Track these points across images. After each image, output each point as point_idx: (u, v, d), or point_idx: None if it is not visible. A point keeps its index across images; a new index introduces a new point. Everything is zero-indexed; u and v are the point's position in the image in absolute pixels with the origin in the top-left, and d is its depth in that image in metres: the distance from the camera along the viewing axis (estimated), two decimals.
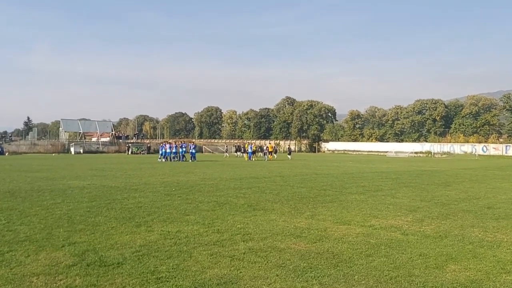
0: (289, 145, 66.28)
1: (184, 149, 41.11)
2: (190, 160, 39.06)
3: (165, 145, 42.00)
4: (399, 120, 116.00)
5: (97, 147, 71.36)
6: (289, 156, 50.94)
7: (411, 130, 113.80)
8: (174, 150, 40.59)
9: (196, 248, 6.74)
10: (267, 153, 47.29)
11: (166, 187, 15.64)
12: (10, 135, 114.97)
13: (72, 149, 65.49)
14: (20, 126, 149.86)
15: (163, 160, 39.44)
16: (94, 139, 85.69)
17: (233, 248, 6.78)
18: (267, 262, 6.11)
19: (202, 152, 68.77)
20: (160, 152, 41.61)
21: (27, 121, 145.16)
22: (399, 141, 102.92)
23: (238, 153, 58.41)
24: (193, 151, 41.09)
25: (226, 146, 66.94)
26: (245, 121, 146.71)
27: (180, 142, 44.96)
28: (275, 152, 51.65)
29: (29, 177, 19.48)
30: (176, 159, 39.58)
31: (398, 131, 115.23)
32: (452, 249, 7.02)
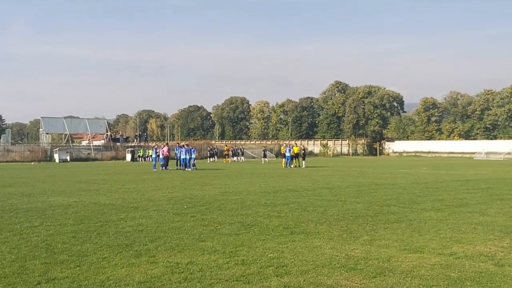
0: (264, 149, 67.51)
1: (156, 154, 41.65)
2: (185, 169, 39.04)
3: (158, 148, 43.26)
4: (490, 109, 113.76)
5: (88, 153, 72.85)
6: (266, 160, 52.42)
7: (507, 123, 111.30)
8: (153, 156, 42.24)
9: (214, 286, 6.73)
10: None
11: (175, 204, 15.75)
12: None
13: (56, 156, 67.03)
14: None
15: (162, 168, 39.77)
16: (84, 143, 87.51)
17: (263, 285, 6.75)
18: None
19: (223, 156, 68.90)
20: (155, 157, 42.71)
21: None
22: (491, 139, 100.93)
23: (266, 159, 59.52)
24: (186, 156, 39.74)
25: (243, 149, 68.24)
26: (281, 116, 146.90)
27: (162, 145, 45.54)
28: (303, 158, 51.24)
29: None
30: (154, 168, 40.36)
31: (489, 124, 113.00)
32: None
